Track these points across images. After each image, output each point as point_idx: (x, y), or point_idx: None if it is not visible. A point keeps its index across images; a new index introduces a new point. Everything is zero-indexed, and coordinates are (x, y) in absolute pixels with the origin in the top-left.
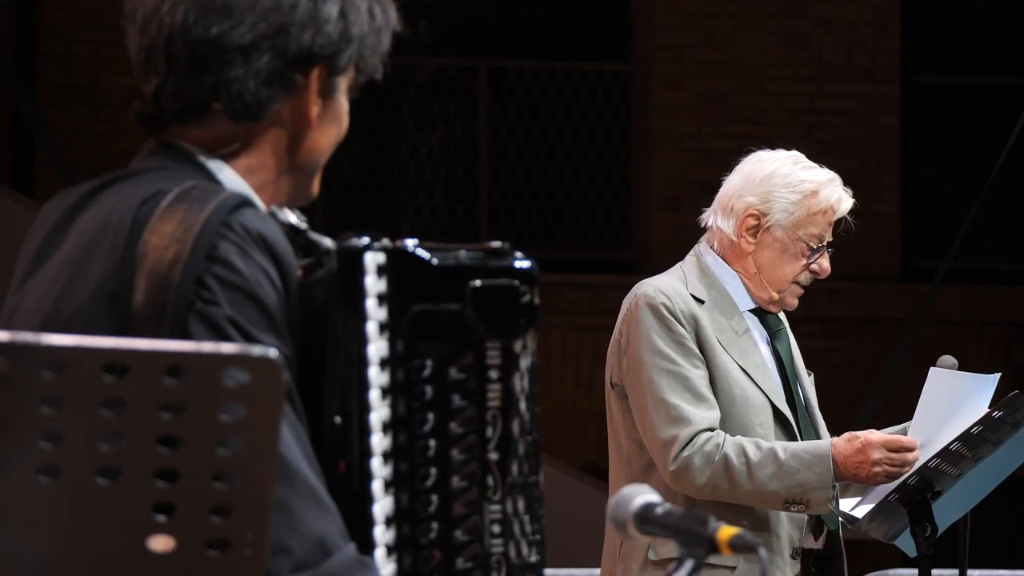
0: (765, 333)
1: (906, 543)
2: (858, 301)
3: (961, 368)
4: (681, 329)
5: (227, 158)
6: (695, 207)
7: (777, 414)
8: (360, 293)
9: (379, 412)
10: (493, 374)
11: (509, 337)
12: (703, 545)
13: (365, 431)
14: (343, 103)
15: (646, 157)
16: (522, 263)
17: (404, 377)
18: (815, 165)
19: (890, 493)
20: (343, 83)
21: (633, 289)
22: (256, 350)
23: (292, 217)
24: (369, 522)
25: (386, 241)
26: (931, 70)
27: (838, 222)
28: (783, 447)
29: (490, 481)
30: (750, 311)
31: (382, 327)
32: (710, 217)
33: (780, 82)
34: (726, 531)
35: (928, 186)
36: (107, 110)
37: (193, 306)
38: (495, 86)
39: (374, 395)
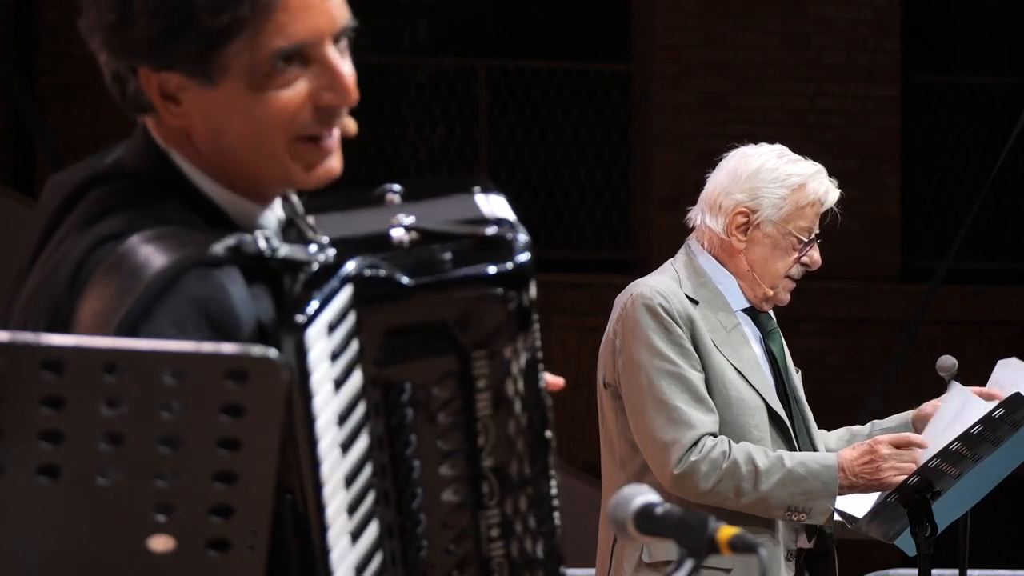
0: (758, 332)
1: (906, 543)
2: (858, 301)
3: (961, 368)
4: (679, 329)
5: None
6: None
7: (772, 414)
8: (304, 375)
9: (336, 473)
10: (481, 384)
11: (497, 346)
12: (703, 545)
13: (320, 508)
14: (254, 94)
15: (646, 157)
16: (506, 265)
17: (382, 402)
18: (800, 158)
19: (890, 493)
20: (229, 65)
21: (627, 289)
22: (256, 350)
23: (262, 242)
24: None
25: (354, 266)
26: (931, 70)
27: (824, 214)
28: (789, 455)
29: (485, 488)
30: (743, 310)
31: (350, 357)
32: (697, 216)
33: (780, 82)
34: (726, 531)
35: (928, 186)
36: (107, 110)
37: None
38: (495, 86)
39: (325, 469)
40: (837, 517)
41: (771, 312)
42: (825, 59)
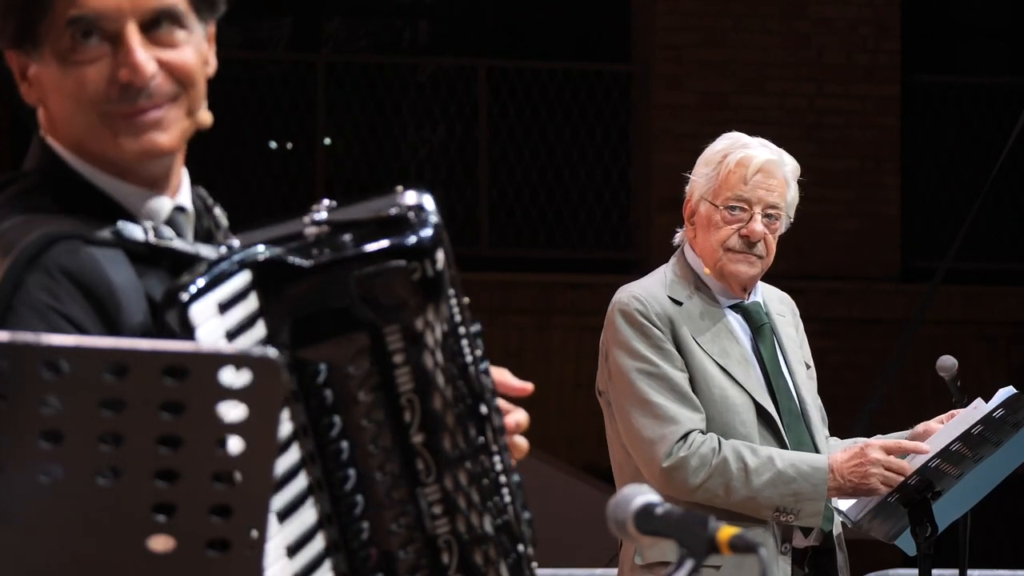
0: (748, 329)
1: (906, 543)
2: (858, 301)
3: (961, 368)
4: (657, 332)
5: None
6: None
7: (760, 411)
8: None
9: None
10: (398, 359)
11: (407, 318)
12: (703, 545)
13: None
14: (64, 69)
15: (646, 157)
16: (408, 238)
17: (298, 387)
18: (753, 140)
19: (890, 493)
20: (45, 51)
21: (614, 295)
22: (256, 350)
23: (145, 232)
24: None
25: (250, 253)
26: (931, 70)
27: (802, 198)
28: (779, 455)
29: (420, 464)
30: (732, 307)
31: (255, 340)
32: None
33: (780, 82)
34: (726, 531)
35: (928, 186)
36: None
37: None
38: (495, 86)
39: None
40: (839, 518)
41: (770, 309)
42: (825, 59)
